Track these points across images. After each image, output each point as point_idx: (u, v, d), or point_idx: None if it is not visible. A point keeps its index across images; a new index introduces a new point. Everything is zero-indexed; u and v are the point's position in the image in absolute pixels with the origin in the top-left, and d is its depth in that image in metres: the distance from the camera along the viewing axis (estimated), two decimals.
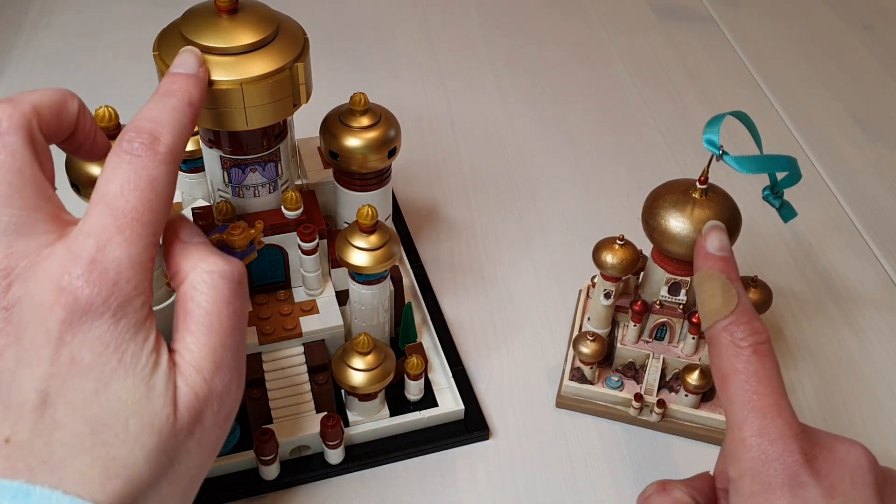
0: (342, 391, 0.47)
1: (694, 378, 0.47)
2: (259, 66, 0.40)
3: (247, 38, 0.40)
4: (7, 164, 0.31)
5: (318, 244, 0.47)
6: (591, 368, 0.49)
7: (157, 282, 0.44)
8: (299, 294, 0.49)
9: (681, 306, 0.48)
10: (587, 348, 0.47)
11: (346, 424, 0.47)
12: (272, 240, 0.46)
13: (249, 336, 0.46)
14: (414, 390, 0.48)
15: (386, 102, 0.50)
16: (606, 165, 0.69)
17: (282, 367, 0.47)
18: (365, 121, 0.48)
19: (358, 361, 0.44)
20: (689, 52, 0.84)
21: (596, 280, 0.49)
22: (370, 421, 0.47)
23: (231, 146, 0.44)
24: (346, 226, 0.50)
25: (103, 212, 0.30)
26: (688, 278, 0.46)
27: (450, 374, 0.50)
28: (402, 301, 0.51)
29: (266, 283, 0.49)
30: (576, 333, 0.51)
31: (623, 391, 0.49)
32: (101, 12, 0.85)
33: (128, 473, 0.29)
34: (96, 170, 0.41)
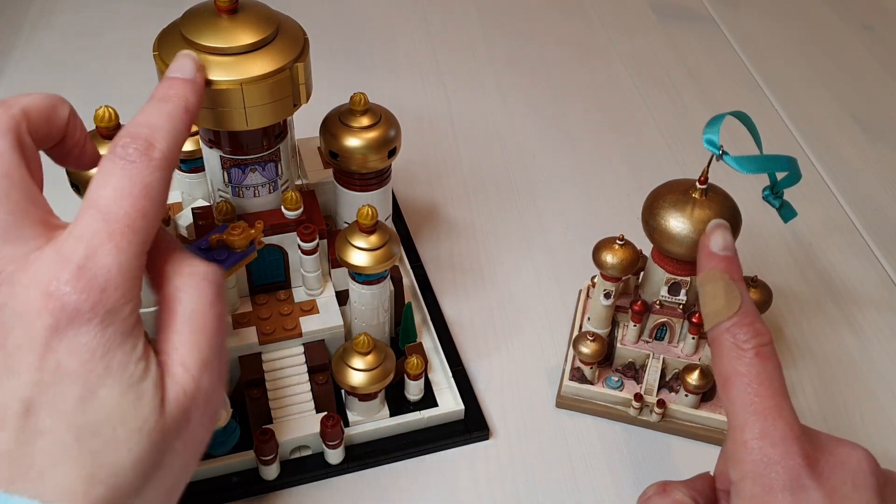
0: (342, 391, 0.47)
1: (694, 378, 0.47)
2: (259, 66, 0.40)
3: (247, 38, 0.40)
4: None
5: (318, 244, 0.47)
6: (591, 368, 0.49)
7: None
8: (299, 294, 0.49)
9: (681, 306, 0.48)
10: (587, 348, 0.47)
11: (346, 424, 0.47)
12: (272, 240, 0.46)
13: (249, 336, 0.46)
14: (414, 390, 0.48)
15: (386, 102, 0.50)
16: (606, 165, 0.69)
17: (282, 367, 0.47)
18: (365, 121, 0.48)
19: (358, 361, 0.44)
20: (689, 52, 0.84)
21: (596, 280, 0.49)
22: (370, 421, 0.47)
23: (231, 146, 0.44)
24: (346, 226, 0.50)
25: (95, 217, 0.30)
26: (688, 278, 0.46)
27: (450, 374, 0.50)
28: (402, 301, 0.51)
29: (266, 283, 0.49)
30: (576, 333, 0.51)
31: (623, 391, 0.49)
32: (101, 12, 0.85)
33: (113, 480, 0.28)
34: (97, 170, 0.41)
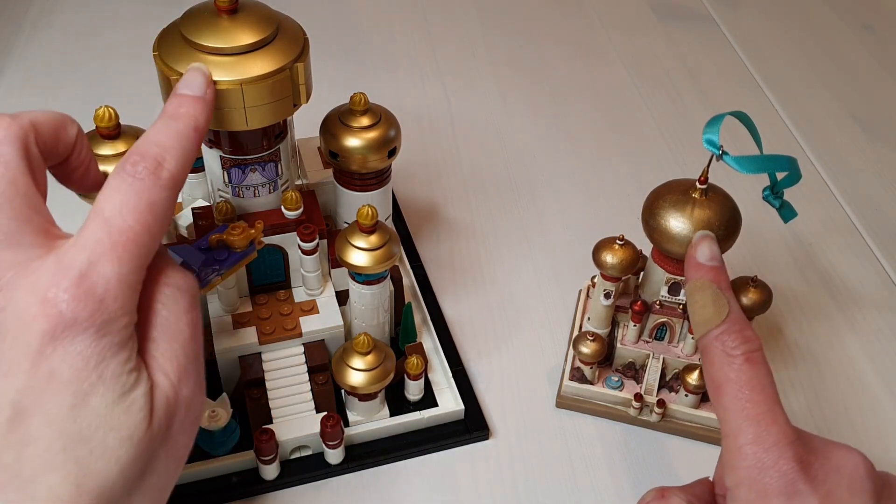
0: (342, 391, 0.47)
1: (694, 378, 0.47)
2: (259, 66, 0.40)
3: (247, 38, 0.40)
4: (0, 173, 0.31)
5: (318, 244, 0.47)
6: (591, 368, 0.49)
7: None
8: (299, 294, 0.49)
9: (681, 306, 0.48)
10: (587, 348, 0.47)
11: (346, 424, 0.47)
12: (272, 240, 0.46)
13: (249, 336, 0.46)
14: (414, 390, 0.48)
15: (386, 102, 0.50)
16: (606, 165, 0.69)
17: (282, 367, 0.47)
18: (365, 121, 0.48)
19: (358, 361, 0.44)
20: (689, 52, 0.84)
21: (596, 280, 0.49)
22: (370, 421, 0.47)
23: (231, 146, 0.44)
24: (346, 226, 0.50)
25: (99, 227, 0.30)
26: None
27: (450, 374, 0.50)
28: (402, 301, 0.51)
29: (266, 283, 0.49)
30: (576, 333, 0.51)
31: (623, 391, 0.49)
32: (101, 12, 0.85)
33: (100, 489, 0.28)
34: (103, 169, 0.41)
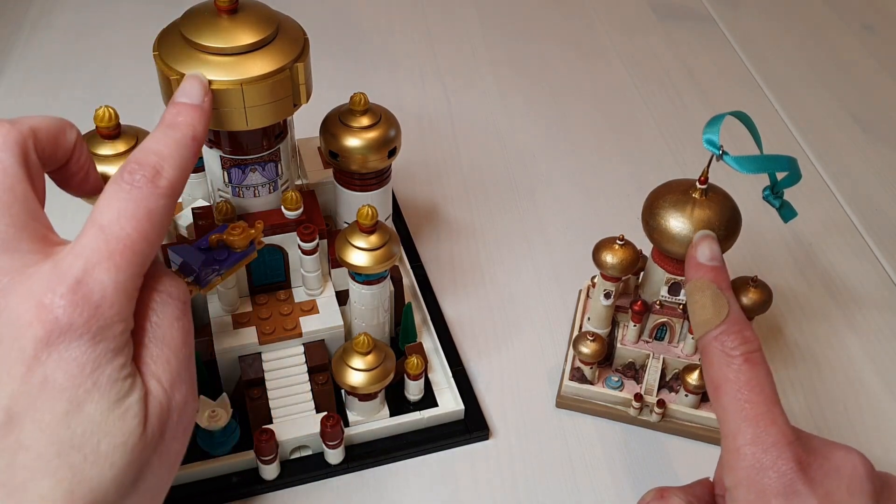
0: (342, 391, 0.47)
1: (694, 378, 0.47)
2: (259, 66, 0.40)
3: (247, 38, 0.40)
4: None
5: (318, 244, 0.47)
6: (591, 368, 0.49)
7: None
8: (299, 294, 0.49)
9: (681, 306, 0.48)
10: (587, 348, 0.47)
11: (346, 424, 0.47)
12: (272, 240, 0.46)
13: (249, 336, 0.46)
14: (414, 390, 0.48)
15: (386, 102, 0.50)
16: (606, 165, 0.69)
17: (282, 367, 0.47)
18: (365, 121, 0.48)
19: (358, 361, 0.44)
20: (689, 52, 0.84)
21: (596, 280, 0.49)
22: (370, 421, 0.47)
23: (231, 146, 0.44)
24: (346, 226, 0.50)
25: (97, 235, 0.30)
26: None
27: (450, 374, 0.50)
28: (402, 301, 0.51)
29: (266, 283, 0.49)
30: (576, 333, 0.51)
31: (623, 391, 0.49)
32: (101, 12, 0.85)
33: (94, 496, 0.28)
34: (98, 170, 0.41)
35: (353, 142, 0.47)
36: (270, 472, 0.44)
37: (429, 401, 0.49)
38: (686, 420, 0.48)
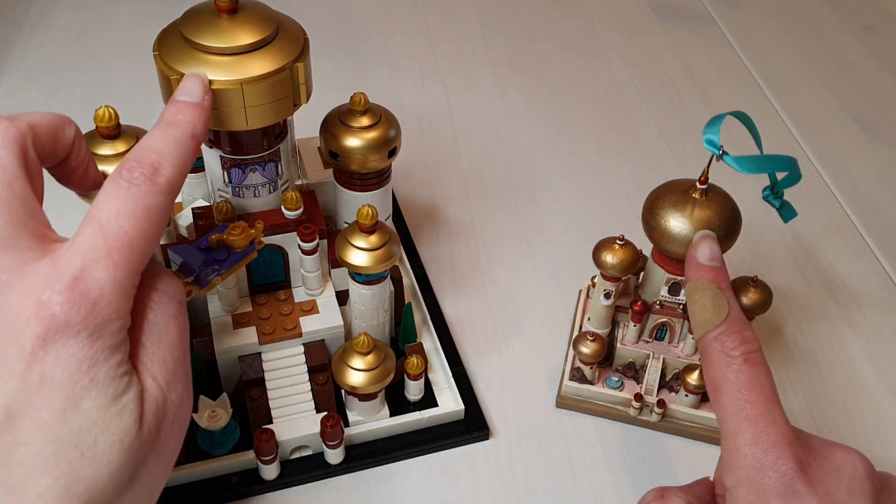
0: (342, 391, 0.47)
1: (694, 378, 0.47)
2: (259, 66, 0.40)
3: (247, 38, 0.40)
4: None
5: (318, 244, 0.47)
6: (591, 368, 0.49)
7: None
8: (299, 294, 0.49)
9: (681, 306, 0.48)
10: (587, 348, 0.47)
11: (346, 424, 0.47)
12: (272, 240, 0.46)
13: (249, 336, 0.46)
14: (414, 390, 0.48)
15: (386, 102, 0.50)
16: (606, 165, 0.69)
17: (282, 367, 0.47)
18: (365, 121, 0.48)
19: (358, 361, 0.44)
20: (689, 52, 0.84)
21: (596, 280, 0.49)
22: (370, 421, 0.47)
23: (231, 146, 0.44)
24: (346, 226, 0.50)
25: (95, 233, 0.30)
26: None
27: (450, 374, 0.50)
28: (402, 301, 0.51)
29: (266, 283, 0.49)
30: (576, 333, 0.51)
31: (623, 391, 0.49)
32: (101, 12, 0.85)
33: (90, 493, 0.28)
34: (103, 168, 0.41)
35: (353, 142, 0.47)
36: (270, 472, 0.44)
37: (429, 401, 0.49)
38: (686, 420, 0.48)
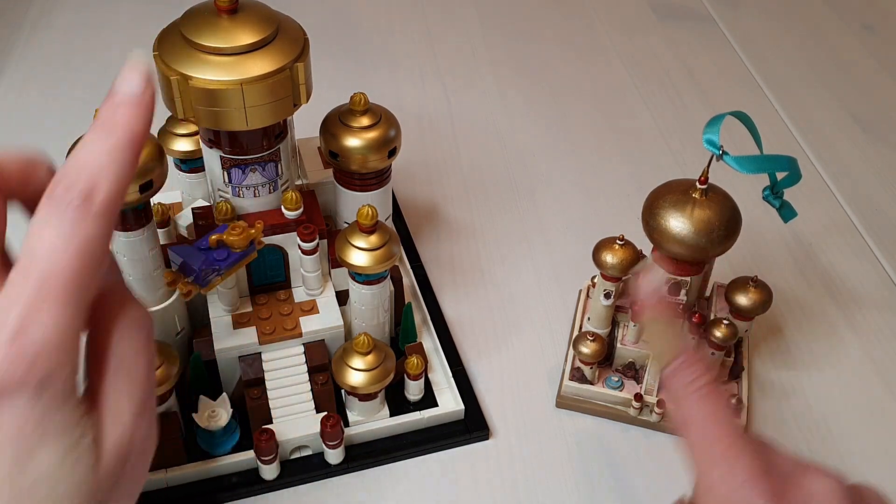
0: (342, 391, 0.47)
1: None
2: (259, 66, 0.40)
3: (247, 38, 0.40)
4: None
5: (318, 244, 0.47)
6: (591, 368, 0.49)
7: (156, 282, 0.44)
8: (299, 294, 0.49)
9: (681, 306, 0.48)
10: (587, 348, 0.47)
11: (346, 424, 0.47)
12: (272, 240, 0.46)
13: (249, 336, 0.46)
14: (414, 390, 0.48)
15: (386, 102, 0.50)
16: (606, 165, 0.69)
17: (282, 367, 0.47)
18: (365, 121, 0.48)
19: (358, 361, 0.44)
20: (689, 52, 0.84)
21: (596, 280, 0.49)
22: (370, 421, 0.47)
23: (231, 146, 0.44)
24: (346, 226, 0.50)
25: (31, 274, 0.28)
26: (688, 278, 0.46)
27: (450, 374, 0.50)
28: (402, 301, 0.51)
29: (266, 283, 0.49)
30: (576, 333, 0.51)
31: (623, 391, 0.49)
32: (101, 12, 0.85)
33: None
34: None
35: (353, 142, 0.47)
36: (270, 472, 0.44)
37: (429, 401, 0.49)
38: None
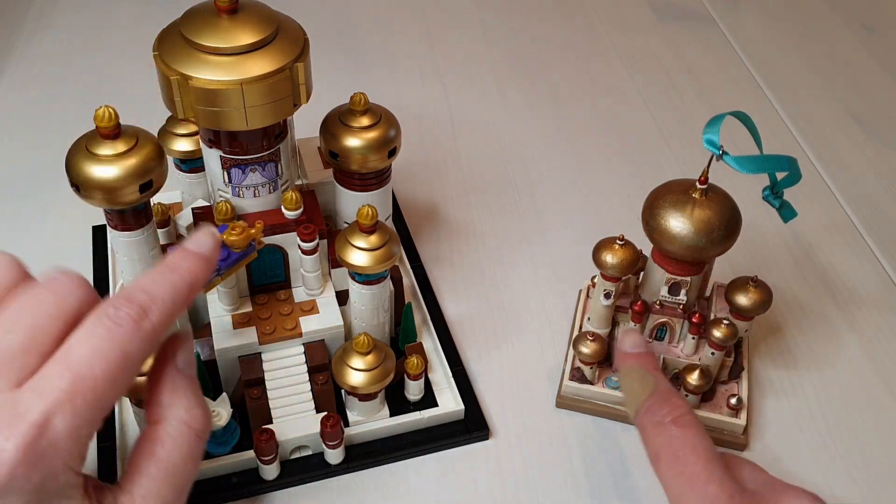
0: (342, 391, 0.47)
1: (694, 378, 0.47)
2: (259, 66, 0.40)
3: (247, 38, 0.40)
4: None
5: (318, 244, 0.47)
6: (591, 368, 0.49)
7: None
8: (299, 294, 0.49)
9: (681, 306, 0.48)
10: (587, 348, 0.47)
11: (346, 424, 0.47)
12: (272, 240, 0.46)
13: (249, 336, 0.46)
14: (414, 390, 0.48)
15: (386, 102, 0.50)
16: (606, 165, 0.69)
17: (282, 367, 0.47)
18: (365, 121, 0.48)
19: (358, 361, 0.45)
20: (689, 51, 0.84)
21: (596, 280, 0.49)
22: (370, 421, 0.47)
23: (231, 146, 0.44)
24: (346, 226, 0.50)
25: (63, 374, 0.29)
26: (688, 278, 0.46)
27: (450, 374, 0.50)
28: (402, 301, 0.51)
29: (266, 283, 0.49)
30: (576, 333, 0.51)
31: None
32: (101, 12, 0.85)
33: None
34: (97, 170, 0.41)
35: (353, 142, 0.47)
36: (270, 472, 0.44)
37: (429, 401, 0.49)
38: None
